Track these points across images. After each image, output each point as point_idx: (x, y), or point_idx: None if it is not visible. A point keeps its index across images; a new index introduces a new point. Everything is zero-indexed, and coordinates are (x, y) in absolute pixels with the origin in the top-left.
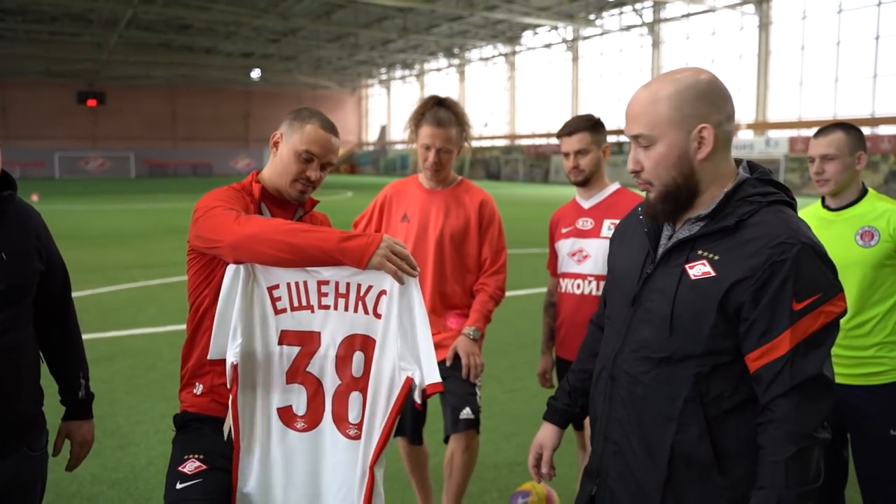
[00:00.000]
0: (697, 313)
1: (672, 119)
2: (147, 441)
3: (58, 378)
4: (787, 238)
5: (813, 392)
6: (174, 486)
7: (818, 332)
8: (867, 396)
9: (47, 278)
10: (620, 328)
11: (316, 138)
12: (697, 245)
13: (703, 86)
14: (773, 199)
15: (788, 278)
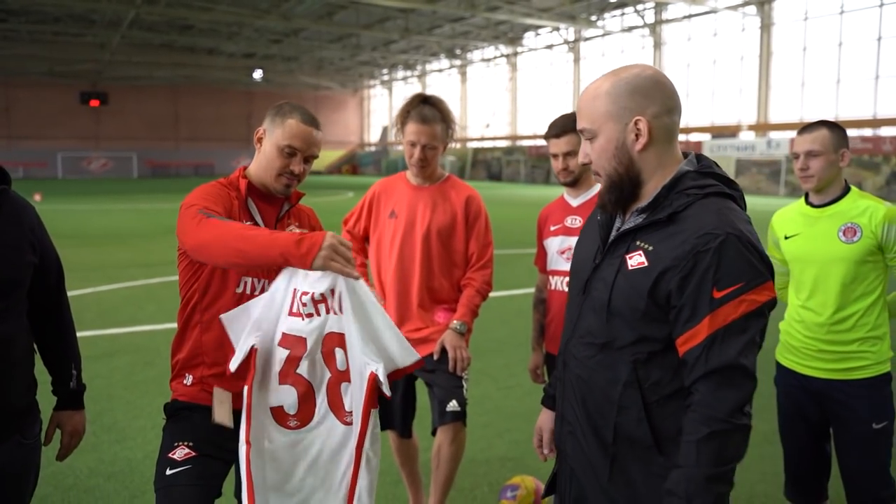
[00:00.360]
0: (631, 302)
1: (609, 113)
2: (144, 436)
3: (50, 369)
4: (712, 229)
5: (729, 377)
6: (164, 473)
7: (738, 319)
8: (850, 391)
9: (41, 271)
10: (573, 316)
11: (297, 133)
12: (637, 236)
13: (640, 80)
14: (709, 192)
15: (710, 267)
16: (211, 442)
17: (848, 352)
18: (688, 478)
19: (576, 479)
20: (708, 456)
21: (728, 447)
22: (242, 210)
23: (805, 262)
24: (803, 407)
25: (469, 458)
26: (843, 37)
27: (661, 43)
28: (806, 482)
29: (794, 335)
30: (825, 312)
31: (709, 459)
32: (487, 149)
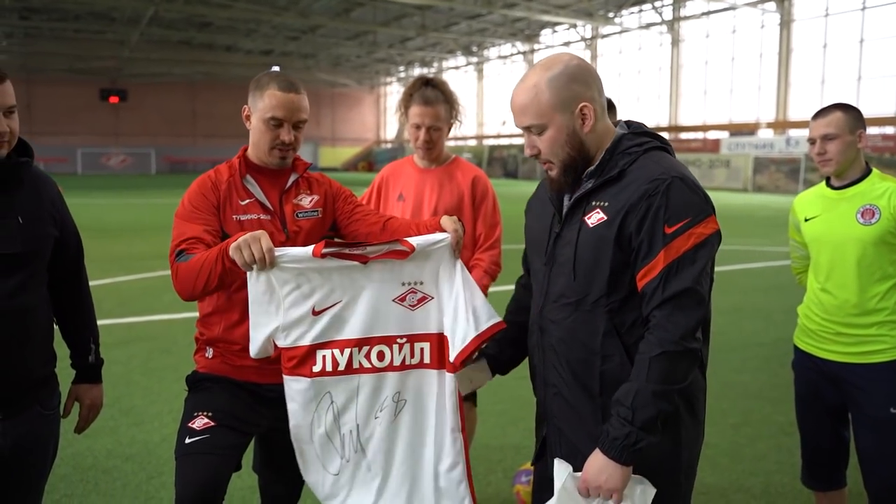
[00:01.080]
0: (598, 255)
1: (555, 104)
2: (161, 420)
3: (69, 342)
4: (659, 175)
5: (683, 302)
6: (183, 441)
7: (689, 251)
8: (868, 375)
9: (61, 244)
10: (542, 285)
11: (278, 102)
12: (591, 198)
13: (574, 69)
14: (648, 147)
15: (660, 206)
16: (230, 414)
17: (866, 335)
18: (636, 391)
19: (565, 437)
20: (657, 373)
21: (677, 368)
22: (239, 189)
23: (822, 244)
24: (821, 390)
25: (483, 444)
26: (865, 33)
27: (678, 40)
28: (823, 467)
29: (813, 318)
30: (842, 295)
31: (657, 377)
32: (504, 146)
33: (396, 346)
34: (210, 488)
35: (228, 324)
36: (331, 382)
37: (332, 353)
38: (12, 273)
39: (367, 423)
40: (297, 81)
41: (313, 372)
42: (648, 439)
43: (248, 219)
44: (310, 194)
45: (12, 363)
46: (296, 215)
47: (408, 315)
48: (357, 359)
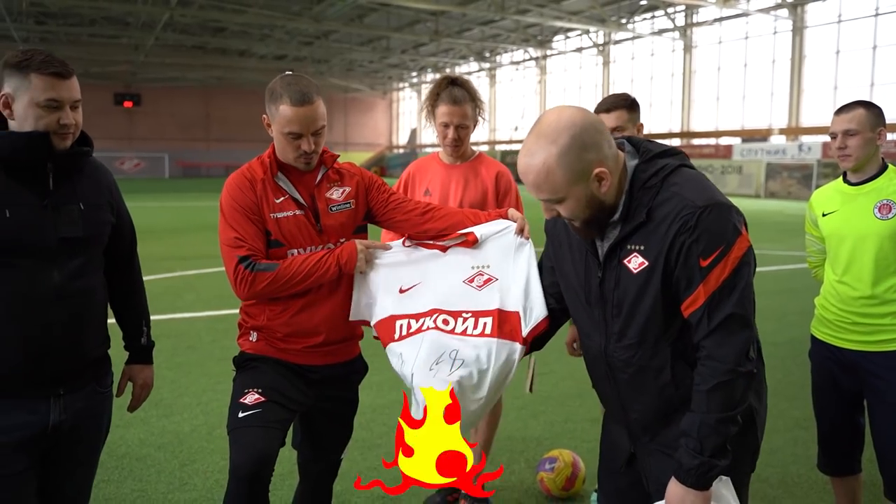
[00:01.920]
0: (648, 298)
1: (569, 180)
2: (190, 411)
3: (122, 325)
4: (686, 210)
5: (730, 328)
6: (236, 415)
7: (728, 278)
8: (884, 362)
9: (116, 231)
10: (597, 325)
11: (292, 118)
12: (625, 243)
13: (580, 137)
14: (665, 175)
15: (693, 242)
16: (277, 391)
17: (882, 324)
18: (700, 422)
19: (657, 452)
20: (716, 403)
21: (734, 394)
22: (272, 188)
23: (841, 238)
24: (837, 378)
25: (506, 436)
26: (878, 39)
27: (691, 46)
28: (839, 453)
29: (830, 309)
30: (860, 287)
31: (717, 406)
32: (516, 151)
33: (461, 318)
34: (264, 458)
35: (271, 314)
36: (404, 345)
37: (409, 321)
38: (75, 256)
39: (423, 374)
40: (309, 89)
41: (395, 338)
42: (720, 464)
43: (285, 216)
44: (340, 186)
45: (74, 341)
46: (329, 209)
47: (475, 294)
48: (427, 323)
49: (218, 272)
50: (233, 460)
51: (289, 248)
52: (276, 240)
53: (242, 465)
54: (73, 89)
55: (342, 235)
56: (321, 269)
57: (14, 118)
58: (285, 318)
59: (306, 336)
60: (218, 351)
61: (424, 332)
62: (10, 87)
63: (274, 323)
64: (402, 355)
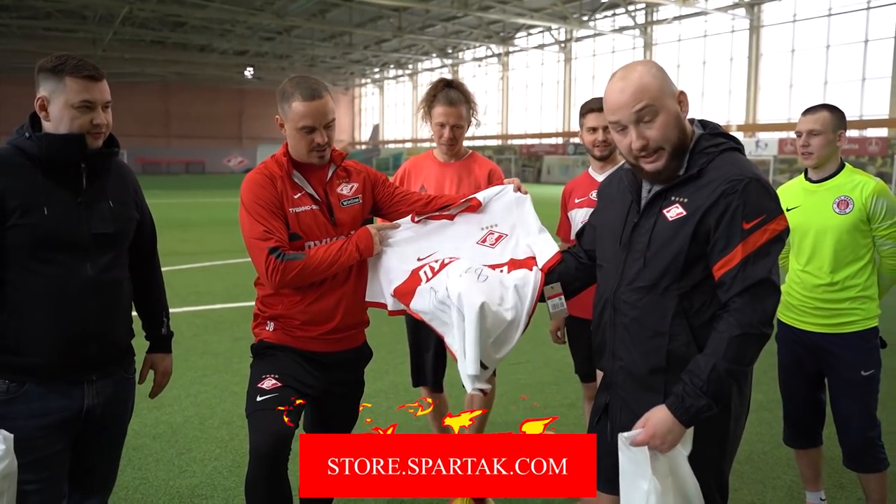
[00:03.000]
0: (674, 246)
1: (664, 91)
2: (180, 403)
3: (143, 316)
4: (736, 175)
5: (761, 292)
6: (255, 399)
7: (764, 244)
8: (842, 343)
9: (140, 227)
10: (617, 268)
11: (305, 112)
12: (671, 193)
13: (663, 69)
14: (724, 148)
15: (739, 205)
16: (293, 377)
17: (841, 308)
18: (713, 365)
19: (627, 406)
20: (734, 352)
21: (750, 350)
22: (290, 185)
23: (804, 232)
24: (801, 358)
25: (490, 421)
26: (831, 39)
27: (651, 43)
28: (802, 428)
29: (794, 295)
30: (821, 275)
31: (734, 356)
32: (478, 147)
33: (481, 268)
34: (282, 439)
35: (290, 303)
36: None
37: (430, 265)
38: (106, 251)
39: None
40: (318, 86)
41: (421, 283)
42: (714, 409)
43: (304, 210)
44: (349, 182)
45: (106, 330)
46: (341, 203)
47: (490, 251)
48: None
49: (191, 269)
50: (252, 441)
51: (306, 240)
52: (294, 233)
53: (262, 445)
54: (104, 91)
55: (353, 228)
56: (344, 255)
57: (49, 119)
58: (303, 307)
59: (322, 323)
60: (200, 345)
61: (448, 264)
62: (45, 90)
63: (293, 311)
64: (432, 289)
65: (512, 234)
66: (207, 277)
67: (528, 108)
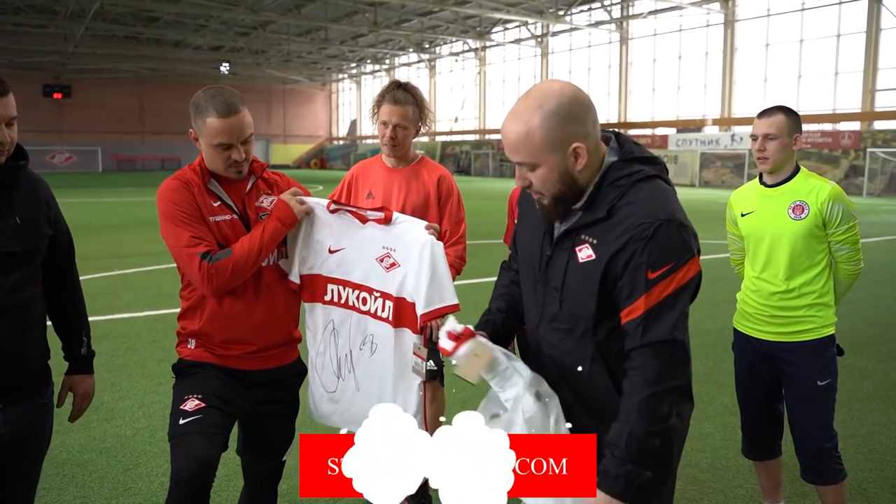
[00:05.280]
0: (585, 290)
1: (547, 146)
2: (131, 414)
3: (62, 335)
4: (645, 219)
5: (662, 353)
6: (177, 422)
7: (669, 296)
8: (799, 351)
9: (54, 243)
10: (537, 302)
11: (220, 129)
12: (580, 231)
13: (567, 107)
14: (636, 179)
15: (644, 251)
16: (217, 396)
17: (797, 316)
18: (628, 433)
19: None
20: (648, 413)
21: (666, 405)
22: (207, 194)
23: (759, 237)
24: (757, 368)
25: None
26: (804, 33)
27: (627, 38)
28: (760, 439)
29: (750, 303)
30: (777, 282)
31: (648, 416)
32: (456, 142)
33: (372, 297)
34: (205, 464)
35: (205, 318)
36: (334, 311)
37: (338, 288)
38: (12, 270)
39: (355, 351)
40: (234, 99)
41: (325, 300)
42: (646, 475)
43: (223, 219)
44: (270, 195)
45: (13, 355)
46: (259, 217)
47: (383, 275)
48: (351, 298)
49: (157, 270)
50: (174, 467)
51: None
52: (217, 242)
53: (183, 471)
54: (9, 107)
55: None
56: (268, 233)
57: None
58: (219, 324)
59: (242, 343)
60: (158, 352)
61: (352, 311)
62: None
63: (209, 328)
64: (333, 322)
65: (404, 267)
66: (173, 279)
67: (506, 103)
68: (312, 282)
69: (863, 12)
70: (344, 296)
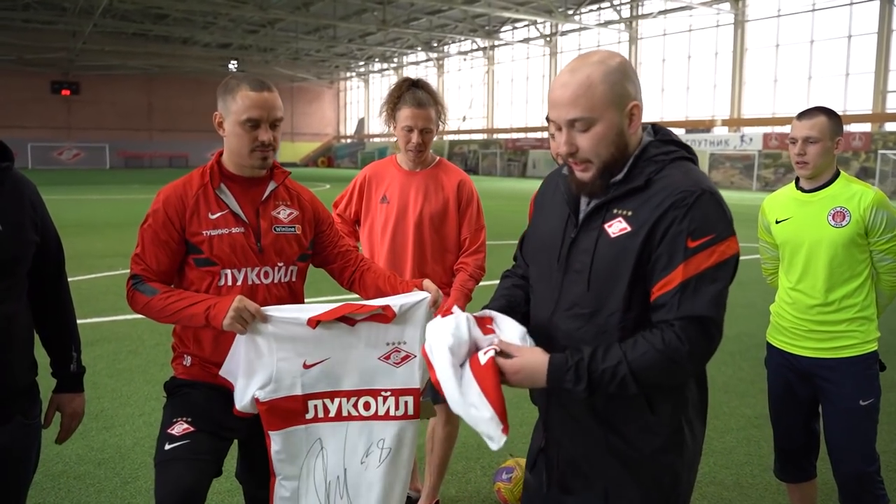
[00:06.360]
0: (618, 267)
1: (608, 100)
2: (132, 423)
3: (50, 351)
4: (688, 186)
5: (698, 330)
6: (163, 448)
7: (710, 268)
8: (840, 368)
9: (42, 250)
10: (553, 291)
11: (252, 102)
12: (613, 205)
13: (625, 68)
14: (675, 157)
15: (685, 219)
16: (210, 419)
17: (837, 331)
18: (617, 360)
19: (564, 450)
20: (647, 365)
21: (660, 376)
22: (210, 201)
23: (795, 246)
24: (793, 386)
25: (461, 442)
26: (815, 34)
27: (636, 38)
28: (795, 460)
29: (785, 317)
30: (815, 294)
31: (643, 368)
32: (464, 141)
33: (381, 398)
34: (189, 495)
35: (200, 343)
36: (323, 428)
37: (324, 402)
38: None
39: (353, 467)
40: (267, 80)
41: (306, 419)
42: (582, 396)
43: (219, 234)
44: (289, 206)
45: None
46: (273, 229)
47: (393, 371)
48: (346, 408)
49: None
50: (157, 495)
51: (222, 267)
52: (207, 258)
53: (166, 502)
54: None
55: (283, 260)
56: (188, 314)
57: None
58: (210, 348)
59: None
60: (162, 355)
61: (348, 422)
62: None
63: (202, 346)
64: (321, 441)
65: (420, 356)
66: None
67: (514, 102)
68: (282, 407)
69: (874, 13)
70: (333, 408)
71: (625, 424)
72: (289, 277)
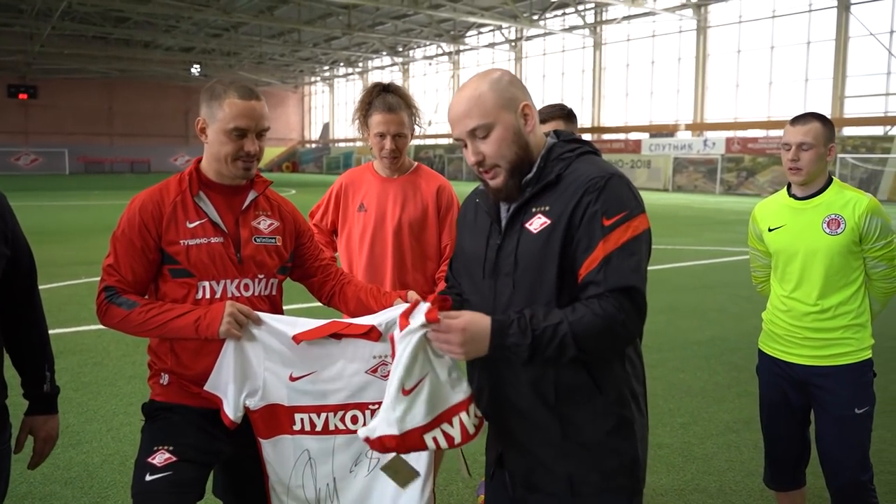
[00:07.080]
0: (544, 260)
1: (499, 104)
2: (100, 439)
3: (21, 370)
4: (596, 174)
5: (626, 302)
6: (143, 478)
7: (627, 242)
8: (835, 376)
9: (12, 264)
10: (486, 301)
11: (240, 111)
12: (531, 205)
13: (508, 76)
14: (580, 152)
15: (598, 201)
16: (191, 446)
17: (833, 338)
18: (559, 320)
19: (524, 450)
20: (586, 328)
21: (597, 341)
22: (189, 209)
23: (790, 254)
24: (786, 395)
25: (444, 455)
26: (775, 40)
27: (601, 43)
28: (786, 469)
29: (779, 324)
30: (811, 302)
31: (584, 331)
32: (430, 146)
33: (369, 411)
34: None
35: (178, 358)
36: (309, 440)
37: (310, 416)
38: None
39: (343, 476)
40: (255, 89)
41: (293, 430)
42: (524, 355)
43: (197, 243)
44: (269, 216)
45: None
46: (253, 239)
47: (380, 384)
48: (333, 422)
49: None
50: None
51: (199, 279)
52: (184, 269)
53: None
54: None
55: (263, 272)
56: (174, 327)
57: None
58: (189, 361)
59: None
60: (128, 367)
61: (335, 435)
62: None
63: (180, 366)
64: (309, 452)
65: None
66: None
67: None
68: (270, 414)
69: (832, 20)
70: (320, 422)
71: (577, 412)
72: (269, 290)
